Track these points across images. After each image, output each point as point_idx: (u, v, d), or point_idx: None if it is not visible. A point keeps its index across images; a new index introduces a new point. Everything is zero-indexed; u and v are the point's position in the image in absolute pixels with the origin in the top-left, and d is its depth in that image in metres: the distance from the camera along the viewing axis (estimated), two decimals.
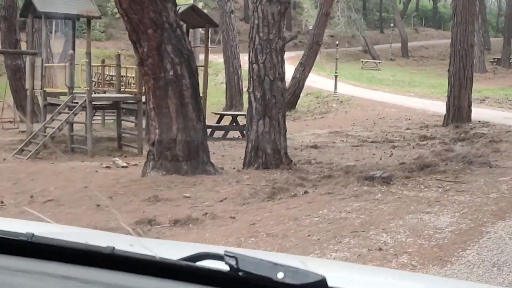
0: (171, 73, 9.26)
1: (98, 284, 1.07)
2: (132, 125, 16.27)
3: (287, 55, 11.71)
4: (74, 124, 14.47)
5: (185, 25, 18.89)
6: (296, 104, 27.78)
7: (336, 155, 14.14)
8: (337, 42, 33.31)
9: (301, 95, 31.03)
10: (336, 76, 29.42)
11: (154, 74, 9.30)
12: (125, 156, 13.77)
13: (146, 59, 9.30)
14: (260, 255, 1.15)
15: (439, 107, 21.76)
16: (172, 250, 1.58)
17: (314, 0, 51.81)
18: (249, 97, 10.78)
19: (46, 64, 15.19)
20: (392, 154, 14.17)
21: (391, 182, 7.87)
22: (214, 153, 14.19)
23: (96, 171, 10.86)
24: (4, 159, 12.78)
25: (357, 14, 53.32)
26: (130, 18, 9.16)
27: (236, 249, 1.29)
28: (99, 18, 17.79)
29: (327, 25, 51.55)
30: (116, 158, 12.16)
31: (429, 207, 6.61)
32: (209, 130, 16.36)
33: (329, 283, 1.06)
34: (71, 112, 13.21)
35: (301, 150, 15.02)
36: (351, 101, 27.95)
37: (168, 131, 9.40)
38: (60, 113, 13.59)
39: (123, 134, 15.05)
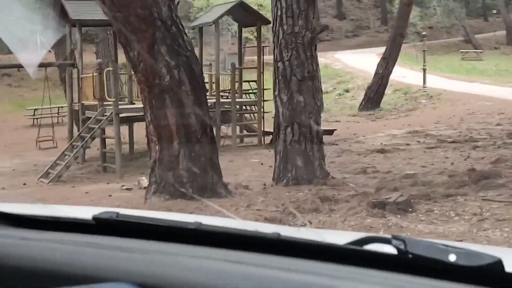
0: (167, 78, 7.79)
1: (266, 267, 1.10)
2: None
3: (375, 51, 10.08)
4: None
5: (236, 24, 17.54)
6: (380, 102, 25.73)
7: (402, 161, 12.29)
8: (424, 33, 30.82)
9: (389, 91, 29.00)
10: (424, 70, 27.09)
11: (148, 81, 7.88)
12: None
13: (138, 64, 7.90)
14: None
15: None
16: (334, 237, 1.48)
17: None
18: (275, 101, 9.18)
19: (82, 75, 14.19)
20: (468, 156, 12.18)
21: (409, 209, 6.03)
22: (262, 163, 12.74)
23: (110, 196, 9.59)
24: (24, 184, 11.79)
25: (455, 2, 50.07)
26: (115, 17, 7.81)
27: None
28: None
29: (422, 16, 48.95)
30: (143, 177, 10.85)
31: None
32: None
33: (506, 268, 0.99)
34: (97, 126, 12.06)
35: (365, 156, 13.24)
36: (441, 96, 25.61)
37: (169, 147, 7.95)
38: (89, 128, 12.49)
39: None
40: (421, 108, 24.61)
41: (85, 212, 1.40)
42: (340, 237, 1.30)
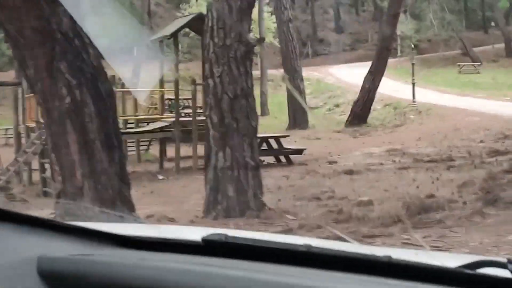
0: (67, 100, 6.80)
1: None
2: None
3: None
4: None
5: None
6: (367, 117, 24.72)
7: (367, 184, 11.29)
8: (413, 45, 29.86)
9: (379, 106, 28.04)
10: (413, 84, 26.07)
11: (46, 104, 6.90)
12: None
13: (35, 83, 6.93)
14: None
15: None
16: (445, 259, 1.45)
17: None
18: (205, 123, 8.20)
19: (26, 95, 13.22)
20: (438, 178, 11.17)
21: None
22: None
23: None
24: None
25: (453, 15, 49.11)
26: (6, 29, 6.86)
27: None
28: None
29: (419, 28, 48.05)
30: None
31: None
32: None
33: None
34: (29, 151, 11.08)
35: (329, 178, 12.24)
36: (430, 111, 24.60)
37: (72, 178, 6.94)
38: (25, 152, 11.50)
39: None
40: (408, 124, 23.62)
41: (192, 233, 1.47)
42: (451, 260, 1.27)
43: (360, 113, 24.46)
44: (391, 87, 30.39)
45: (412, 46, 29.71)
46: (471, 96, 29.03)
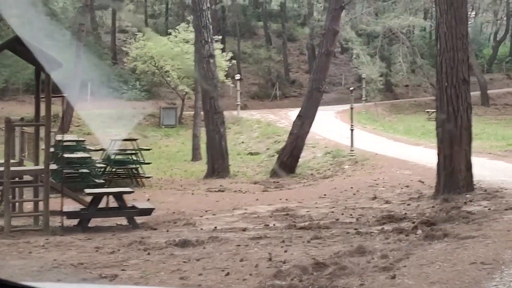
0: None
1: None
2: None
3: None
4: None
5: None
6: (295, 166, 22.03)
7: (194, 263, 8.54)
8: (352, 88, 27.34)
9: (319, 154, 25.37)
10: (352, 131, 23.38)
11: None
12: None
13: None
14: None
15: (487, 167, 17.55)
16: None
17: None
18: None
19: None
20: (276, 256, 8.49)
21: None
22: None
23: None
24: None
25: (424, 59, 46.88)
26: None
27: None
28: None
29: (387, 72, 45.64)
30: None
31: None
32: None
33: None
34: None
35: (160, 249, 9.47)
36: (367, 161, 21.86)
37: None
38: None
39: None
40: (339, 175, 20.88)
41: None
42: None
43: (287, 161, 21.78)
44: (343, 132, 27.79)
45: (351, 88, 26.85)
46: (424, 145, 26.37)
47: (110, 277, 7.47)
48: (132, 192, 12.41)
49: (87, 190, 12.19)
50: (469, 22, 68.87)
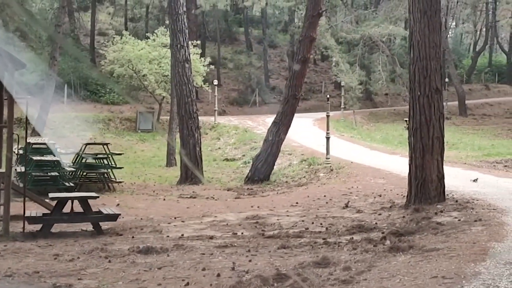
0: None
1: None
2: None
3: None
4: None
5: None
6: (269, 173, 21.83)
7: (156, 272, 8.28)
8: (328, 96, 27.19)
9: (295, 161, 25.23)
10: (327, 139, 23.23)
11: None
12: None
13: None
14: None
15: (460, 177, 17.49)
16: None
17: None
18: None
19: None
20: (236, 267, 8.24)
21: None
22: None
23: None
24: None
25: (404, 69, 46.89)
26: None
27: None
28: None
29: (367, 80, 45.64)
30: None
31: None
32: None
33: None
34: None
35: (122, 257, 9.21)
36: (342, 169, 21.70)
37: None
38: None
39: None
40: (314, 182, 20.70)
41: None
42: None
43: (261, 169, 21.58)
44: (320, 140, 27.58)
45: (328, 96, 26.72)
46: (400, 155, 26.29)
47: (64, 287, 7.21)
48: (98, 197, 12.10)
49: (51, 195, 11.87)
50: (450, 33, 69.51)
